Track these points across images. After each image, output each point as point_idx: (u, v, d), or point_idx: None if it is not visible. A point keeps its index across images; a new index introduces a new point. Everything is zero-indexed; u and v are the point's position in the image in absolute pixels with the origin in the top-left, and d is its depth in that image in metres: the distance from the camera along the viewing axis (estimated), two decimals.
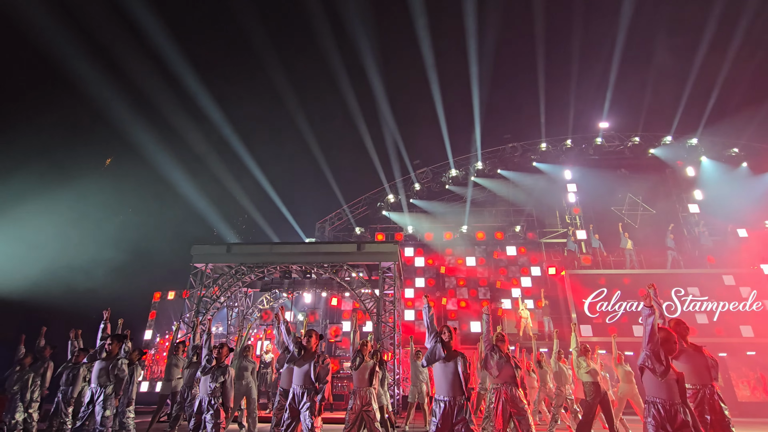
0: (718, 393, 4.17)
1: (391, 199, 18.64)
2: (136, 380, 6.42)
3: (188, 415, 5.96)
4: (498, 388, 4.83)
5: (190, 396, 6.13)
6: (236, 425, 8.21)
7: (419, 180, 18.95)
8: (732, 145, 17.69)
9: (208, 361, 5.13)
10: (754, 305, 13.72)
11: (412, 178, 19.02)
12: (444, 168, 19.07)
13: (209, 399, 4.86)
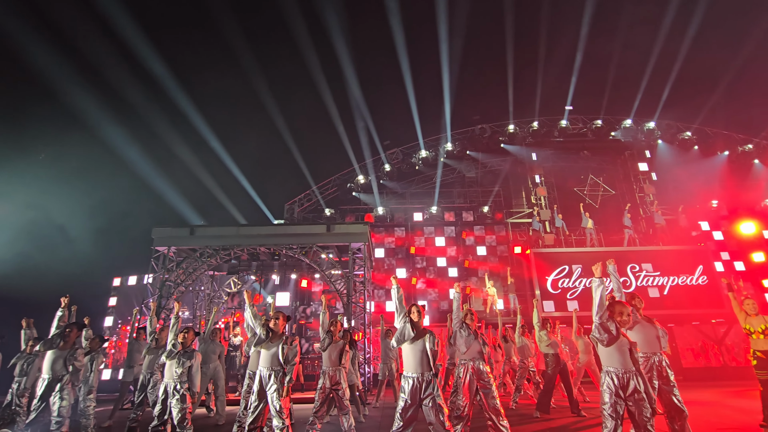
0: (666, 360, 4.49)
1: (361, 180, 18.52)
2: (97, 368, 6.17)
3: (152, 401, 5.82)
4: (466, 364, 4.97)
5: (152, 382, 5.97)
6: (204, 409, 8.12)
7: (390, 161, 18.88)
8: (685, 129, 18.64)
9: (174, 346, 4.98)
10: (700, 279, 14.77)
11: (383, 158, 18.93)
12: (414, 149, 19.07)
13: (175, 384, 4.75)
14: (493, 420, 4.63)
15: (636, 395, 3.48)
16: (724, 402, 8.12)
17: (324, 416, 5.61)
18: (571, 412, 7.20)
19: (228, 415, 7.17)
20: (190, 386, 4.84)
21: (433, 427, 3.81)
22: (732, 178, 18.39)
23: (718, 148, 18.69)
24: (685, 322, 14.67)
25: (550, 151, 18.87)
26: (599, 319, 3.66)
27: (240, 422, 5.22)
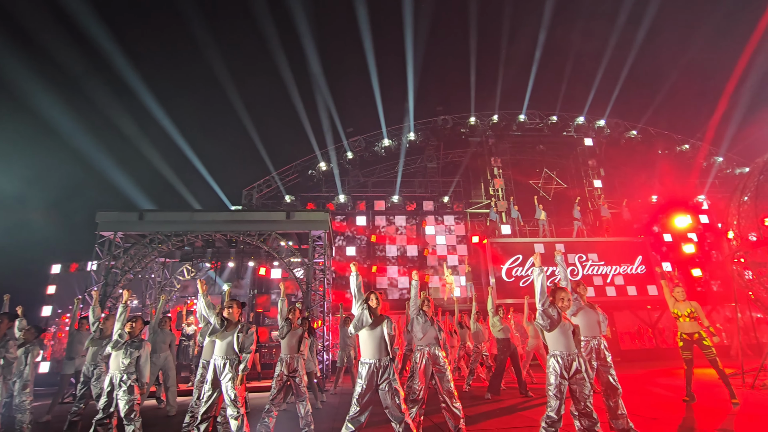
0: (605, 343, 4.85)
1: (323, 167, 18.28)
2: (33, 361, 5.76)
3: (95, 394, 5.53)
4: (422, 349, 5.11)
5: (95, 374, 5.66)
6: (154, 401, 7.83)
7: (352, 148, 18.73)
8: (631, 128, 19.85)
9: (120, 336, 4.74)
10: (639, 269, 15.96)
11: (345, 146, 18.75)
12: (377, 137, 19.03)
13: (121, 376, 4.54)
14: (447, 402, 4.81)
15: (578, 375, 3.74)
16: (654, 380, 8.90)
17: (281, 403, 5.59)
18: (519, 392, 7.62)
19: (180, 405, 6.96)
20: (139, 377, 4.64)
21: (389, 410, 3.91)
22: (670, 175, 19.87)
23: (659, 146, 20.08)
24: (624, 308, 15.84)
25: (508, 144, 19.48)
26: (542, 306, 3.88)
27: (192, 412, 5.09)
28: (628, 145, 19.77)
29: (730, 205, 10.08)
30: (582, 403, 3.68)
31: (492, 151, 18.94)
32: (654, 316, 15.94)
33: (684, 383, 6.27)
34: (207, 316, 4.60)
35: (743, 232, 9.16)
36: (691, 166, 20.15)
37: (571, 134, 19.51)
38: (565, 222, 17.76)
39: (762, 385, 7.28)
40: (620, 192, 19.43)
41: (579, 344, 3.90)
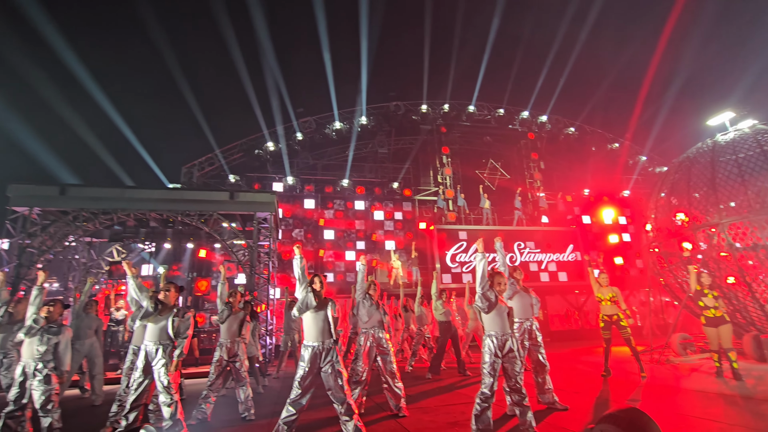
0: (536, 325, 5.20)
1: (270, 147, 17.62)
2: None
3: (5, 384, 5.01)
4: (367, 332, 5.18)
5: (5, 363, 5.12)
6: (78, 390, 7.28)
7: (302, 129, 18.22)
8: (570, 125, 21.11)
9: (35, 321, 4.30)
10: (570, 256, 17.23)
11: (295, 126, 18.19)
12: (328, 119, 18.65)
13: (36, 364, 4.13)
14: (389, 382, 4.93)
15: (510, 354, 3.98)
16: (578, 357, 9.75)
17: (219, 389, 5.43)
18: (458, 372, 8.01)
19: (107, 394, 6.52)
20: (57, 365, 4.26)
21: (332, 392, 3.93)
22: (601, 171, 21.49)
23: (592, 144, 21.58)
24: (556, 293, 17.09)
25: (457, 134, 19.96)
26: (482, 290, 4.06)
27: (120, 401, 4.79)
28: (566, 141, 21.04)
29: (649, 201, 11.13)
30: (513, 380, 3.93)
31: (442, 140, 19.31)
32: (581, 300, 17.36)
33: (603, 360, 6.92)
34: (138, 299, 4.31)
35: (659, 225, 10.18)
36: (619, 164, 21.91)
37: (516, 128, 20.36)
38: (507, 211, 18.67)
39: (666, 360, 8.23)
40: (557, 185, 20.73)
41: (513, 325, 4.15)
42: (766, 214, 8.08)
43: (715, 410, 4.40)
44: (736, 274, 8.44)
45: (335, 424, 4.17)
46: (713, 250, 8.76)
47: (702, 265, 8.68)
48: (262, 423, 4.79)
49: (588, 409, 4.78)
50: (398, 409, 4.84)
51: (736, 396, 5.00)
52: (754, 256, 8.60)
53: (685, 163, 10.04)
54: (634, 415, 1.92)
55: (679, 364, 7.79)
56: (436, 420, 4.56)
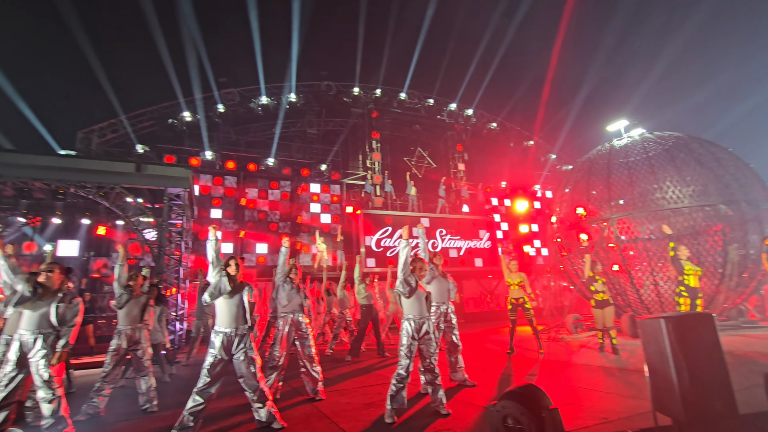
0: (452, 308, 5.48)
1: (187, 117, 16.18)
2: None
3: None
4: (286, 316, 5.04)
5: None
6: None
7: (224, 101, 16.99)
8: (493, 120, 22.38)
9: None
10: (486, 243, 18.46)
11: (216, 97, 16.89)
12: (254, 93, 17.60)
13: None
14: (307, 367, 4.87)
15: (426, 336, 4.14)
16: (487, 337, 10.55)
17: (117, 380, 4.93)
18: (377, 353, 8.21)
19: None
20: None
21: (244, 379, 3.77)
22: (517, 165, 23.20)
23: (511, 139, 23.16)
24: (471, 277, 18.26)
25: (388, 120, 20.11)
26: (403, 275, 4.16)
27: None
28: (489, 135, 22.30)
29: (555, 195, 12.26)
30: (427, 360, 4.10)
31: (372, 125, 19.31)
32: (493, 284, 18.76)
33: (509, 339, 7.55)
34: (12, 282, 3.71)
35: (562, 218, 11.27)
36: (532, 160, 23.82)
37: (444, 119, 21.05)
38: (432, 199, 19.37)
39: (561, 337, 9.25)
40: (478, 176, 21.96)
41: (430, 309, 4.31)
42: (647, 212, 9.34)
43: (597, 381, 5.03)
44: (620, 263, 9.69)
45: (247, 411, 4.03)
46: (604, 242, 9.94)
47: (594, 255, 9.80)
48: (165, 414, 4.46)
49: (494, 384, 5.18)
50: (315, 393, 4.82)
51: (614, 368, 5.78)
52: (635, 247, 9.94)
53: (586, 163, 11.18)
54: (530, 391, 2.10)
55: (570, 341, 8.80)
56: (352, 402, 4.61)
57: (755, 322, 9.71)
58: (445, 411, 3.91)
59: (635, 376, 5.13)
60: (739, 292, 8.82)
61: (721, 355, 2.23)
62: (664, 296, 9.01)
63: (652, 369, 2.38)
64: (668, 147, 9.75)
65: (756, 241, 8.56)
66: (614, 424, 3.30)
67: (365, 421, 3.86)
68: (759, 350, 6.34)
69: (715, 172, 8.99)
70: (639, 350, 7.16)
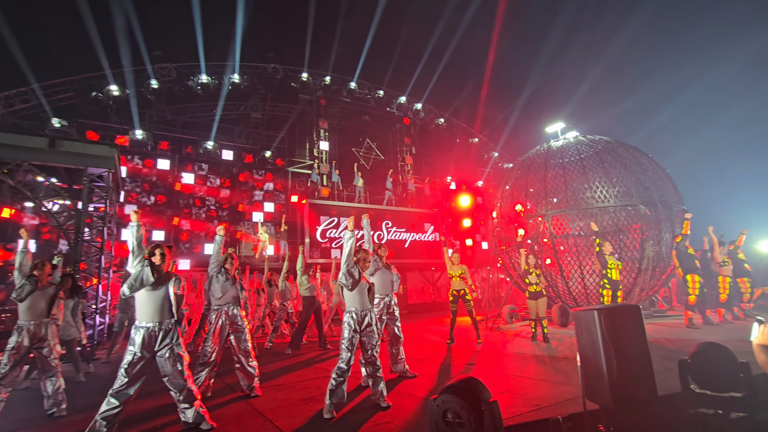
0: (395, 300, 5.45)
1: (114, 91, 14.70)
2: None
3: None
4: (219, 309, 4.72)
5: None
6: None
7: (159, 77, 15.66)
8: (440, 116, 22.79)
9: None
10: (431, 236, 18.84)
11: (149, 72, 15.52)
12: (193, 71, 16.41)
13: None
14: (242, 362, 4.60)
15: (368, 329, 4.06)
16: (428, 328, 10.75)
17: (18, 382, 4.35)
18: (319, 346, 8.04)
19: None
20: None
21: (168, 378, 3.45)
22: (462, 161, 23.89)
23: (458, 136, 23.78)
24: (415, 269, 18.58)
25: (337, 109, 19.72)
26: (347, 267, 4.04)
27: None
28: (436, 131, 22.70)
29: (497, 191, 12.74)
30: (369, 352, 4.03)
31: (321, 113, 18.84)
32: (436, 276, 19.24)
33: (449, 329, 7.73)
34: None
35: (502, 213, 11.75)
36: (477, 157, 24.66)
37: (393, 111, 21.05)
38: (379, 191, 19.37)
39: (497, 327, 9.66)
40: (425, 170, 22.32)
41: (373, 301, 4.23)
42: (577, 210, 9.99)
43: (529, 369, 5.27)
44: (552, 257, 10.30)
45: (173, 412, 3.70)
46: (539, 237, 10.50)
47: (530, 249, 10.32)
48: (75, 419, 3.99)
49: (434, 375, 5.24)
50: (250, 389, 4.57)
51: (544, 356, 6.10)
52: (565, 243, 10.62)
53: (526, 162, 11.71)
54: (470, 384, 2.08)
55: (506, 331, 9.22)
56: (290, 397, 4.43)
57: (663, 312, 10.81)
58: (385, 404, 3.86)
59: (563, 363, 5.44)
60: (652, 284, 9.74)
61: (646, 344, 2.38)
62: (590, 288, 9.71)
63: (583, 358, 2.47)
64: (598, 150, 10.47)
65: (668, 239, 9.49)
66: (545, 411, 3.44)
67: (302, 418, 3.71)
68: (667, 337, 7.03)
69: (637, 175, 9.81)
70: (567, 338, 7.66)
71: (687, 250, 8.40)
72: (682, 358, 2.39)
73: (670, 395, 2.99)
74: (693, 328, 7.74)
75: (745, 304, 9.18)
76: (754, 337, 2.20)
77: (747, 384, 2.16)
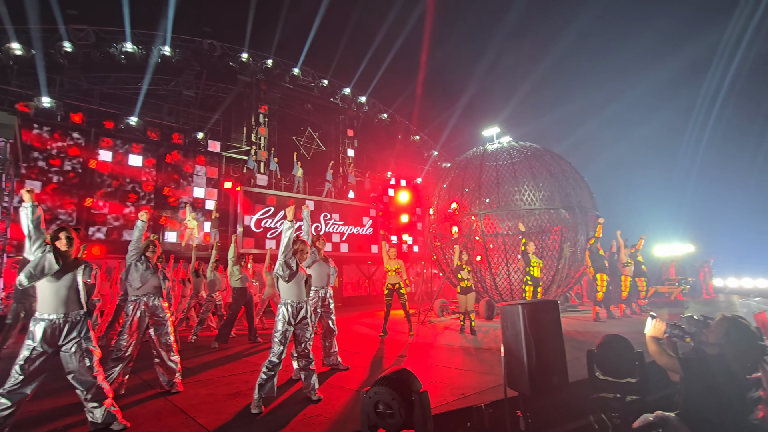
0: (331, 293, 5.42)
1: (16, 50, 12.84)
2: None
3: None
4: (138, 300, 4.36)
5: None
6: None
7: (74, 39, 13.96)
8: (384, 111, 22.91)
9: None
10: (368, 230, 18.96)
11: (63, 33, 13.76)
12: (117, 37, 14.85)
13: None
14: (162, 356, 4.30)
15: (303, 321, 4.00)
16: (362, 321, 10.85)
17: None
18: (248, 339, 7.76)
19: None
20: None
21: (74, 375, 3.12)
22: (403, 157, 24.30)
23: (399, 132, 24.10)
24: (352, 262, 18.62)
25: (278, 94, 19.01)
26: (285, 258, 3.94)
27: None
28: (379, 125, 22.80)
29: (434, 189, 13.16)
30: (302, 345, 3.98)
31: (261, 97, 18.04)
32: (372, 270, 19.45)
33: (383, 322, 7.86)
34: None
35: (439, 211, 12.16)
36: (417, 154, 25.23)
37: (337, 102, 20.75)
38: (318, 182, 19.07)
39: (429, 320, 10.02)
40: (366, 164, 22.36)
41: (309, 293, 4.18)
42: (507, 210, 10.65)
43: (457, 360, 5.54)
44: (483, 254, 10.89)
45: (79, 411, 3.36)
46: (472, 234, 11.03)
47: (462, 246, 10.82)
48: None
49: (366, 367, 5.31)
50: (171, 385, 4.29)
51: (471, 347, 6.45)
52: (495, 241, 11.28)
53: (463, 162, 12.22)
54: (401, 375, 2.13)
55: (437, 324, 9.59)
56: (215, 393, 4.23)
57: (575, 307, 11.94)
58: (316, 396, 3.84)
59: (487, 354, 5.80)
60: (567, 282, 10.70)
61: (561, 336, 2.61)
62: (514, 284, 10.43)
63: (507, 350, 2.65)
64: (528, 156, 11.22)
65: (582, 241, 10.46)
66: (470, 399, 3.64)
67: (228, 414, 3.56)
68: (577, 329, 7.78)
69: (560, 181, 10.67)
70: (491, 331, 8.16)
71: (598, 252, 9.34)
72: (590, 349, 2.66)
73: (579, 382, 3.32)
74: (599, 322, 8.64)
75: (642, 301, 10.44)
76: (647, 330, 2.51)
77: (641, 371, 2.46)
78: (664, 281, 13.50)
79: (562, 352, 2.64)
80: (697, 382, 2.21)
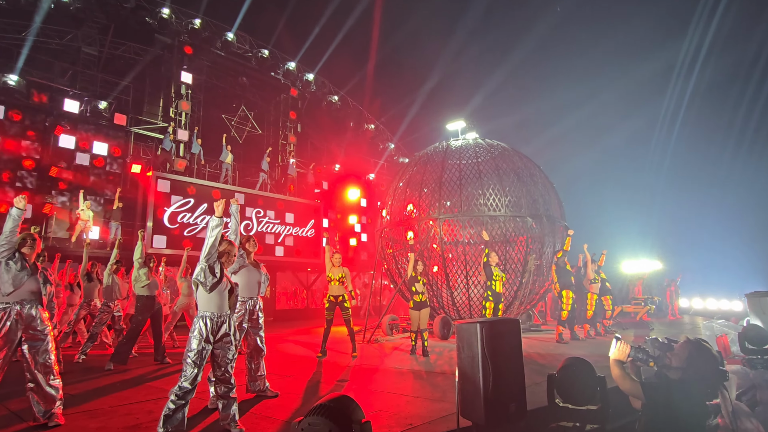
0: (260, 304, 5.31)
1: None
2: None
3: None
4: (9, 308, 4.02)
5: None
6: None
7: None
8: (335, 93, 22.81)
9: None
10: (309, 232, 18.75)
11: None
12: None
13: None
14: (38, 381, 3.98)
15: (225, 339, 3.88)
16: (297, 338, 10.71)
17: None
18: (154, 360, 7.39)
19: None
20: None
21: None
22: (354, 148, 24.33)
23: (351, 119, 24.11)
24: (287, 269, 18.33)
25: (207, 62, 18.29)
26: (208, 262, 3.80)
27: None
28: (328, 109, 22.66)
29: (389, 188, 13.30)
30: (223, 368, 3.85)
31: (184, 64, 17.22)
32: (311, 279, 19.25)
33: (321, 340, 7.81)
34: None
35: (394, 212, 12.30)
36: (371, 146, 25.36)
37: (278, 78, 20.33)
38: (252, 172, 18.59)
39: (375, 339, 10.09)
40: (310, 153, 22.13)
41: (234, 306, 4.06)
42: (470, 216, 11.00)
43: (406, 385, 5.62)
44: (440, 265, 11.16)
45: None
46: (429, 242, 11.27)
47: (418, 254, 11.02)
48: None
49: (299, 393, 5.24)
50: (49, 417, 3.97)
51: (422, 371, 6.58)
52: (454, 250, 11.61)
53: (423, 158, 12.47)
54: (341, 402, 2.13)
55: (385, 343, 9.69)
56: (107, 426, 3.99)
57: (538, 326, 12.56)
58: (236, 429, 3.74)
59: (440, 378, 5.95)
60: (531, 298, 11.25)
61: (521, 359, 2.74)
62: (474, 300, 10.79)
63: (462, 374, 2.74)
64: (495, 156, 11.67)
65: (549, 254, 11.05)
66: (419, 429, 3.72)
67: None
68: (539, 351, 8.19)
69: (528, 186, 11.20)
70: (446, 352, 8.37)
71: (565, 266, 9.91)
72: (551, 373, 2.82)
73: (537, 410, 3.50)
74: (562, 343, 9.16)
75: (607, 321, 11.21)
76: (612, 353, 2.71)
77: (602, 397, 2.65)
78: (631, 300, 14.61)
79: (522, 376, 2.77)
80: (658, 410, 2.42)
